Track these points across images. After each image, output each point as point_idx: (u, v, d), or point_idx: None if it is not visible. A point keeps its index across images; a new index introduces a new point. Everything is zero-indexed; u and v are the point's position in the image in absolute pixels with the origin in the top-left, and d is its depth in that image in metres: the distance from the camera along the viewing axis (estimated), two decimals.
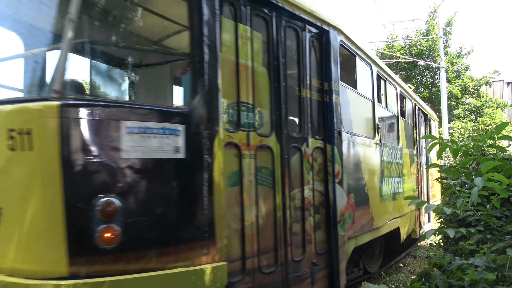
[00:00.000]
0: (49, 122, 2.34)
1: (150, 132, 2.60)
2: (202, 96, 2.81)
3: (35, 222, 2.38)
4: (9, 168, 2.43)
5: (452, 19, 20.96)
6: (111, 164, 2.48)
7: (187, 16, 2.87)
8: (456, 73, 21.27)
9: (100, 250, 2.40)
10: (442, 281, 2.45)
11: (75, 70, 3.69)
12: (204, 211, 2.77)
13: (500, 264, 2.37)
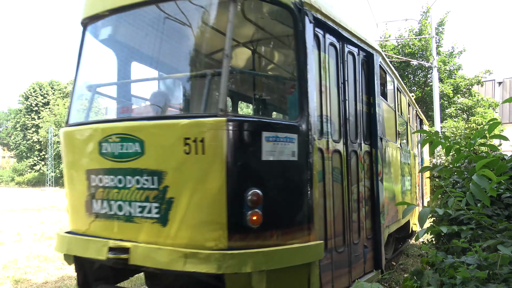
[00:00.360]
0: (218, 133, 3.13)
1: (279, 140, 3.38)
2: (305, 112, 3.57)
3: (205, 208, 3.16)
4: (183, 167, 3.19)
5: (444, 19, 21.09)
6: (257, 164, 3.30)
7: (295, 50, 3.69)
8: (448, 72, 21.41)
9: (248, 229, 3.19)
10: (434, 279, 2.46)
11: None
12: (309, 201, 3.55)
13: (492, 262, 2.39)
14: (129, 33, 4.34)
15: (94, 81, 4.40)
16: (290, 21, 3.67)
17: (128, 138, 3.36)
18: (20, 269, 7.88)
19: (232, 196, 3.14)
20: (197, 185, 3.18)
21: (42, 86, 67.25)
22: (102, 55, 4.72)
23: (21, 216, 17.89)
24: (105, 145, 3.50)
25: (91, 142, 3.62)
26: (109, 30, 4.33)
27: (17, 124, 68.19)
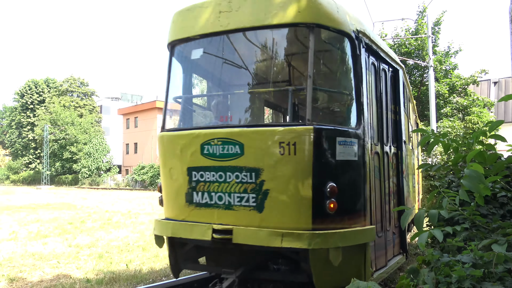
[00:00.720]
0: (307, 138, 4.00)
1: (346, 144, 4.22)
2: (361, 121, 4.40)
3: (295, 198, 4.02)
4: (278, 165, 4.02)
5: (440, 18, 21.14)
6: (333, 162, 4.15)
7: (353, 71, 4.52)
8: (444, 72, 21.46)
9: (327, 215, 4.03)
10: (430, 277, 2.47)
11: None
12: (364, 192, 4.38)
13: (487, 261, 2.40)
14: (215, 53, 5.07)
15: (184, 93, 5.35)
16: (349, 46, 4.51)
17: (229, 141, 4.20)
18: (15, 267, 7.85)
19: (316, 188, 4.01)
20: (289, 179, 4.03)
21: (37, 83, 66.94)
22: (190, 72, 5.49)
23: (16, 214, 17.81)
24: (207, 147, 4.32)
25: (193, 145, 4.42)
26: (198, 51, 5.11)
27: (12, 122, 67.84)
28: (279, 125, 4.35)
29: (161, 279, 6.74)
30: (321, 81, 4.87)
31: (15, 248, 9.68)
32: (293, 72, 5.48)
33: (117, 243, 10.43)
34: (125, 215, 17.26)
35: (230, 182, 4.19)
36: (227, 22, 4.49)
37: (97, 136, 56.49)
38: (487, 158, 2.09)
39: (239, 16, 4.45)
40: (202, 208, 4.39)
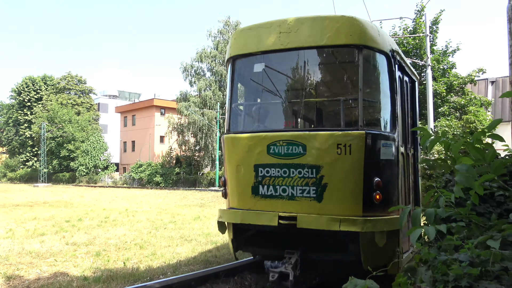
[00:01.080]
0: (360, 141, 4.81)
1: (387, 146, 5.07)
2: (396, 126, 5.28)
3: (349, 190, 4.86)
4: (336, 163, 4.83)
5: (438, 17, 21.15)
6: (378, 161, 4.97)
7: (389, 83, 5.34)
8: (442, 71, 21.47)
9: (373, 204, 4.84)
10: (427, 276, 2.47)
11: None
12: (398, 186, 5.24)
13: (484, 259, 2.40)
14: (275, 67, 5.88)
15: (246, 101, 6.24)
16: (387, 63, 5.35)
17: (293, 143, 4.98)
18: (12, 265, 7.83)
19: (366, 182, 4.81)
20: (344, 174, 4.83)
21: (34, 81, 66.69)
22: (251, 82, 6.22)
23: (13, 212, 17.77)
24: (273, 147, 5.08)
25: (259, 145, 5.16)
26: (260, 65, 5.81)
27: (9, 119, 67.58)
28: (337, 129, 5.05)
29: (158, 277, 6.74)
30: (366, 93, 5.45)
31: (12, 246, 9.66)
32: (343, 84, 6.21)
33: (114, 241, 10.42)
34: (122, 213, 17.25)
35: (294, 177, 4.96)
36: (287, 42, 5.29)
37: (95, 134, 56.35)
38: (486, 156, 2.09)
39: (298, 37, 5.25)
40: (267, 199, 5.13)
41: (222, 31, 45.59)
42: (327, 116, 6.46)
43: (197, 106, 42.39)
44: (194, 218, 15.46)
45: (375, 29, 5.28)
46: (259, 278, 6.68)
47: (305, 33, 5.21)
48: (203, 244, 9.97)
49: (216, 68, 43.90)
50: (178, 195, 29.43)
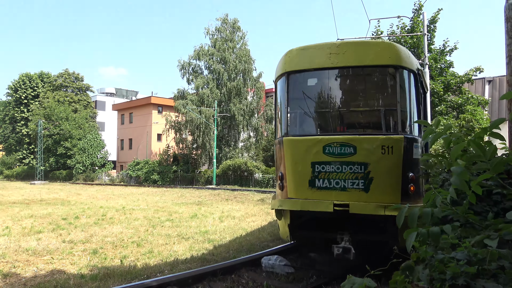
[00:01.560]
0: (399, 143, 5.92)
1: (417, 147, 6.16)
2: (421, 130, 6.48)
3: (390, 183, 5.92)
4: (380, 161, 5.90)
5: (436, 16, 21.17)
6: (411, 159, 6.01)
7: (416, 96, 6.53)
8: (439, 70, 21.50)
9: (408, 194, 5.95)
10: (425, 274, 2.47)
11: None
12: (421, 181, 6.22)
13: (481, 258, 2.41)
14: (326, 81, 6.96)
15: (300, 109, 7.16)
16: (414, 80, 6.48)
17: (345, 144, 6.05)
18: (9, 263, 7.81)
19: (404, 176, 5.87)
20: (387, 170, 5.91)
21: (31, 78, 66.40)
22: (304, 94, 7.13)
23: (9, 209, 17.71)
24: (328, 148, 6.14)
25: (316, 146, 6.21)
26: (313, 80, 7.06)
27: (5, 116, 67.27)
28: (381, 134, 6.23)
29: (155, 275, 6.73)
30: (401, 103, 6.40)
31: (9, 244, 9.63)
32: (383, 97, 7.21)
33: (111, 239, 10.41)
34: (119, 211, 17.22)
35: (345, 172, 6.04)
36: (336, 61, 6.42)
37: (92, 132, 56.20)
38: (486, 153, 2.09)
39: (345, 57, 6.36)
40: (322, 190, 6.17)
41: (220, 29, 45.50)
42: (370, 123, 7.53)
43: (195, 104, 42.32)
44: (191, 216, 15.46)
45: (406, 52, 6.43)
46: (256, 276, 6.69)
47: (351, 55, 6.36)
48: (200, 242, 9.97)
49: (213, 66, 43.82)
50: (175, 193, 29.40)
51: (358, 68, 6.57)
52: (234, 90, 43.29)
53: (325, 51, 6.47)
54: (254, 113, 45.09)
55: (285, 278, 6.58)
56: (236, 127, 44.00)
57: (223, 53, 44.11)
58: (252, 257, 7.44)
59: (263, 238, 10.38)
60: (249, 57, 44.99)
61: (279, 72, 6.96)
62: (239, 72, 44.20)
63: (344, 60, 6.37)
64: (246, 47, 46.03)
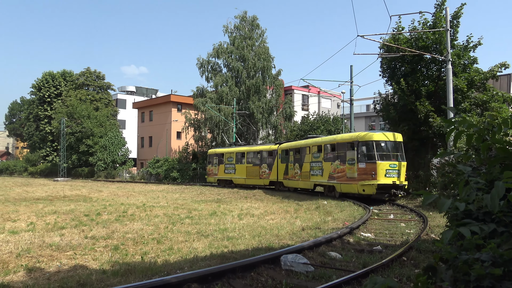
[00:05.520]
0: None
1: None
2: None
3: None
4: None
5: (459, 11, 20.70)
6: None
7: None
8: (463, 66, 21.03)
9: None
10: (448, 275, 2.42)
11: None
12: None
13: (507, 259, 2.34)
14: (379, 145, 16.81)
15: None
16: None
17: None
18: (34, 258, 8.00)
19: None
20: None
21: (54, 76, 67.77)
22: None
23: (34, 206, 18.14)
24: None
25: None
26: (377, 144, 17.59)
27: (30, 115, 68.92)
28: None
29: (175, 271, 6.79)
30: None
31: (33, 239, 9.86)
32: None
33: (132, 235, 10.55)
34: (140, 208, 17.45)
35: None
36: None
37: (113, 130, 57.04)
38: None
39: None
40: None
41: (239, 26, 45.53)
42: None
43: (214, 102, 42.51)
44: (211, 213, 15.54)
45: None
46: (275, 274, 6.68)
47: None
48: (220, 239, 10.01)
49: (232, 63, 43.90)
50: (194, 191, 29.62)
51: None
52: (253, 87, 43.28)
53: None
54: (273, 110, 45.01)
55: (305, 277, 6.55)
56: (255, 124, 44.01)
57: (242, 50, 44.14)
58: (271, 255, 7.43)
59: (282, 236, 10.37)
60: (268, 55, 44.90)
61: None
62: (258, 69, 44.16)
63: None
64: (265, 44, 45.94)
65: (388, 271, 6.67)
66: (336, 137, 21.85)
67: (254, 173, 29.70)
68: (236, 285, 6.10)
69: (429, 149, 21.92)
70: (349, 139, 19.97)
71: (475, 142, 2.54)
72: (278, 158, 27.33)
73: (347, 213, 15.47)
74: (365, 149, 18.98)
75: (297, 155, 25.07)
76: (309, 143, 23.78)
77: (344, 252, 8.36)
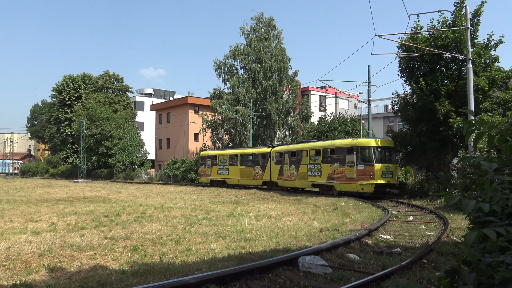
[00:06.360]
0: None
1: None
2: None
3: None
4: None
5: (480, 9, 20.31)
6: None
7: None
8: (484, 65, 20.61)
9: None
10: (471, 278, 2.37)
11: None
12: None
13: None
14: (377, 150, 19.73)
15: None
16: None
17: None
18: (55, 258, 8.15)
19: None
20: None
21: (74, 80, 69.03)
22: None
23: (55, 206, 18.48)
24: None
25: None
26: (374, 149, 20.71)
27: (51, 117, 70.35)
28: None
29: (194, 272, 6.83)
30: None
31: (55, 239, 10.04)
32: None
33: (150, 236, 10.65)
34: (158, 209, 17.60)
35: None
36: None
37: (131, 132, 57.73)
38: None
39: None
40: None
41: (255, 28, 45.59)
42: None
43: (231, 104, 42.64)
44: (228, 214, 15.58)
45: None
46: (293, 275, 6.65)
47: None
48: (237, 240, 10.03)
49: (249, 65, 43.98)
50: (212, 192, 29.74)
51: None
52: (269, 89, 43.27)
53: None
54: (289, 112, 44.91)
55: (323, 279, 6.51)
56: (272, 126, 43.99)
57: (258, 52, 44.18)
58: (289, 256, 7.41)
59: (300, 238, 10.32)
60: (284, 56, 44.83)
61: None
62: (275, 71, 44.13)
63: None
64: (281, 45, 45.88)
65: (408, 273, 6.57)
66: (336, 142, 24.01)
67: (247, 174, 31.50)
68: (254, 286, 6.09)
69: (449, 149, 21.54)
70: (348, 145, 22.46)
71: (497, 143, 2.48)
72: (272, 160, 29.22)
73: (365, 214, 15.32)
74: (363, 153, 21.72)
75: (293, 157, 26.95)
76: (306, 147, 25.95)
77: (362, 254, 8.28)
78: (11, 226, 12.30)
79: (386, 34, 18.88)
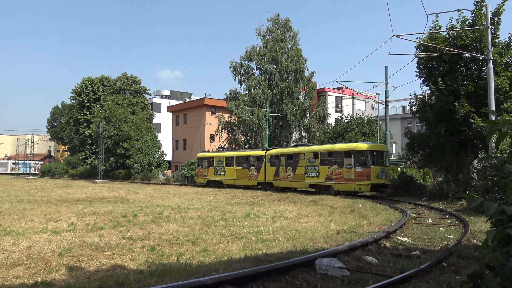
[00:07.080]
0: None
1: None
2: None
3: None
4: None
5: (501, 7, 19.90)
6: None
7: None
8: (505, 65, 20.18)
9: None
10: (495, 283, 2.31)
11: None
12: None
13: None
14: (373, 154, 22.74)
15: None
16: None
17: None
18: (74, 257, 8.27)
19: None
20: None
21: (93, 82, 70.13)
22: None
23: (74, 207, 18.78)
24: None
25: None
26: (370, 153, 23.11)
27: (70, 119, 71.61)
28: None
29: (210, 273, 6.84)
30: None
31: (74, 239, 10.20)
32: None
33: (167, 236, 10.72)
34: (175, 209, 17.72)
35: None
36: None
37: (149, 133, 58.30)
38: None
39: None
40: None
41: (271, 29, 45.61)
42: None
43: (247, 105, 42.71)
44: (244, 216, 15.59)
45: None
46: (310, 277, 6.61)
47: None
48: (254, 242, 10.02)
49: (265, 66, 43.98)
50: (228, 193, 29.81)
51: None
52: (285, 90, 43.21)
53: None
54: (306, 113, 44.77)
55: (340, 281, 6.45)
56: (288, 127, 43.91)
57: (274, 53, 44.16)
58: (306, 258, 7.36)
59: (317, 240, 10.26)
60: (300, 57, 44.72)
61: None
62: (291, 72, 44.05)
63: None
64: (297, 46, 45.80)
65: (428, 277, 6.46)
66: (334, 146, 26.31)
67: (243, 175, 33.52)
68: (271, 287, 6.07)
69: (469, 151, 21.14)
70: (346, 149, 24.64)
71: None
72: (267, 162, 31.05)
73: (383, 216, 15.14)
74: (360, 156, 23.94)
75: (289, 160, 28.87)
76: (303, 150, 27.98)
77: (380, 256, 8.17)
78: (32, 226, 12.54)
79: (404, 34, 18.65)
